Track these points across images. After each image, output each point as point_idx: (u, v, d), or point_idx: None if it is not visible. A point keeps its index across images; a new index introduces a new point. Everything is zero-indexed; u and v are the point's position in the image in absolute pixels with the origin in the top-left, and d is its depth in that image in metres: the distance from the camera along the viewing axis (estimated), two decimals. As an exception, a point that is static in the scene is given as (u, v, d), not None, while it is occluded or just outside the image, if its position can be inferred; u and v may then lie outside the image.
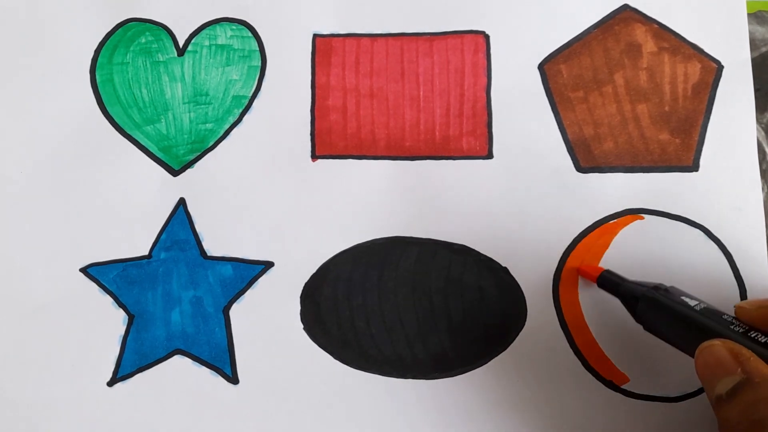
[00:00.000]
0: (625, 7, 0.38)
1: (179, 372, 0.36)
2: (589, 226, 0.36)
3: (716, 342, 0.26)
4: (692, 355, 0.27)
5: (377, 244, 0.36)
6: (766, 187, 0.36)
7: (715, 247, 0.35)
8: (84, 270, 0.37)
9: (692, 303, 0.29)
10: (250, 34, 0.39)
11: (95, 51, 0.39)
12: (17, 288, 0.37)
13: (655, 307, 0.30)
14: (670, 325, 0.29)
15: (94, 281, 0.37)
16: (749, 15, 0.37)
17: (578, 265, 0.35)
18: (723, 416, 0.25)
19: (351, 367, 0.35)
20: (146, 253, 0.37)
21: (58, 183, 0.38)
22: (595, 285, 0.34)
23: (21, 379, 0.36)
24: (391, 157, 0.37)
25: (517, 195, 0.36)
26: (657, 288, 0.30)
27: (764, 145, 0.36)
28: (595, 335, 0.35)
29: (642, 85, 0.37)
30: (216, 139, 0.38)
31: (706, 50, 0.37)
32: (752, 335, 0.26)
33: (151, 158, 0.38)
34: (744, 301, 0.28)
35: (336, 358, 0.35)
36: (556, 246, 0.35)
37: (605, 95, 0.37)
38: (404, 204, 0.37)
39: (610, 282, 0.33)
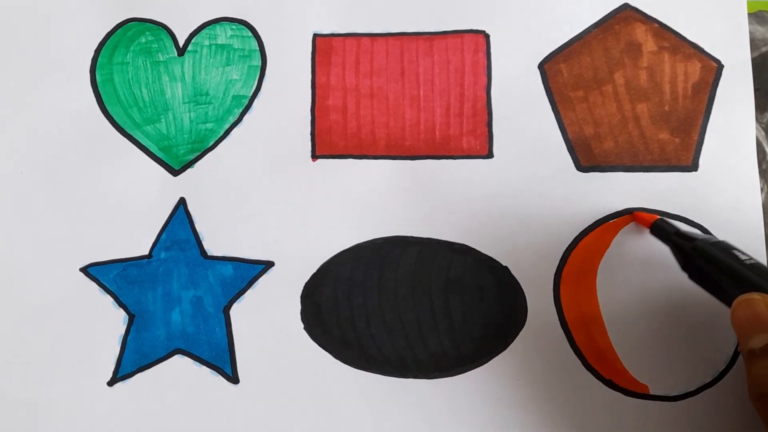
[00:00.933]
0: (626, 7, 0.38)
1: (179, 372, 0.36)
2: (589, 226, 0.36)
3: (756, 296, 0.26)
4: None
5: (377, 243, 0.36)
6: (765, 187, 0.36)
7: (715, 246, 0.35)
8: (84, 270, 0.37)
9: (743, 257, 0.28)
10: (250, 34, 0.39)
11: (95, 51, 0.39)
12: (17, 288, 0.37)
13: (705, 257, 0.29)
14: (716, 275, 0.29)
15: (94, 281, 0.37)
16: (749, 15, 0.37)
17: (635, 212, 0.35)
18: (754, 371, 0.25)
19: (351, 367, 0.35)
20: (146, 252, 0.37)
21: (58, 183, 0.38)
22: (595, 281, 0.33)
23: (21, 379, 0.36)
24: (391, 156, 0.37)
25: (518, 194, 0.36)
26: (707, 240, 0.30)
27: (764, 144, 0.36)
28: (595, 335, 0.35)
29: (642, 84, 0.37)
30: (216, 138, 0.38)
31: (707, 50, 0.37)
32: None
33: (152, 158, 0.38)
34: None
35: (336, 357, 0.35)
36: (557, 245, 0.35)
37: (605, 94, 0.37)
38: (404, 203, 0.37)
39: (662, 230, 0.33)
